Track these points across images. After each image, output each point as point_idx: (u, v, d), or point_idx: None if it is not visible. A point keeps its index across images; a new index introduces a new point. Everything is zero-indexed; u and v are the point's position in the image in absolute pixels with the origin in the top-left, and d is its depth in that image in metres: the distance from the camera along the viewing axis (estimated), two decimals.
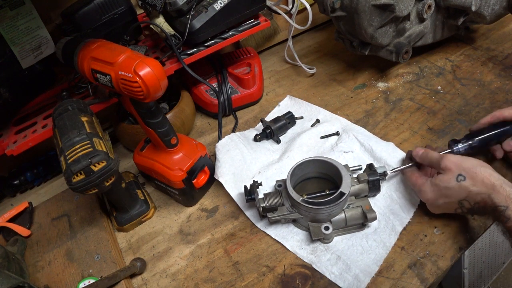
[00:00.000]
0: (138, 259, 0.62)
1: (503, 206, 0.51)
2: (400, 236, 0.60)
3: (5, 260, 0.58)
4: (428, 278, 0.56)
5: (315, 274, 0.58)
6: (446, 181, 0.56)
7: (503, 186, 0.52)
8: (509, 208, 0.50)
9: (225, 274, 0.61)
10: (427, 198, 0.59)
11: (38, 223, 0.71)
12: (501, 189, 0.52)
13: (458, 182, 0.54)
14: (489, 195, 0.52)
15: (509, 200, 0.51)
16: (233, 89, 0.87)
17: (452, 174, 0.55)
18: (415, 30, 0.82)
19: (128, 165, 0.82)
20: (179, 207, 0.72)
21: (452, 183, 0.55)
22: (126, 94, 0.55)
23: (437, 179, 0.57)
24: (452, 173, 0.55)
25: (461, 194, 0.55)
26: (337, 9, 0.79)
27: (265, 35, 1.03)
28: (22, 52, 0.68)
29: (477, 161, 0.56)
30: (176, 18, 0.74)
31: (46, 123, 0.70)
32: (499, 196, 0.51)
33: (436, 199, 0.58)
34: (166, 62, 0.75)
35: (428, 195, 0.58)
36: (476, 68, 0.88)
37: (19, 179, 0.78)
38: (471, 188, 0.54)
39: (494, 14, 0.79)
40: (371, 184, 0.63)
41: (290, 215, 0.61)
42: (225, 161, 0.71)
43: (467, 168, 0.55)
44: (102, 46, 0.57)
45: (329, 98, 0.88)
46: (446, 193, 0.56)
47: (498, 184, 0.52)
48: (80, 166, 0.51)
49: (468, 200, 0.54)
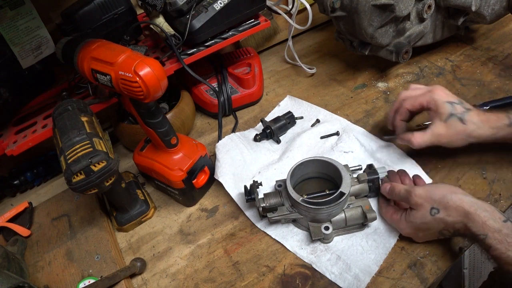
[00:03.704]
0: (138, 259, 0.62)
1: (482, 235, 0.49)
2: (400, 236, 0.60)
3: (5, 260, 0.58)
4: (428, 278, 0.56)
5: (315, 274, 0.58)
6: (420, 217, 0.54)
7: (477, 212, 0.49)
8: (488, 236, 0.48)
9: (225, 274, 0.61)
10: (407, 233, 0.58)
11: (38, 223, 0.71)
12: (476, 216, 0.49)
13: (432, 216, 0.53)
14: (465, 224, 0.50)
15: (486, 227, 0.48)
16: (233, 89, 0.87)
17: (425, 209, 0.54)
18: (415, 30, 0.82)
19: (128, 165, 0.82)
20: (179, 207, 0.72)
21: (427, 217, 0.53)
22: (126, 94, 0.55)
23: (411, 216, 0.55)
24: (424, 208, 0.54)
25: (439, 225, 0.53)
26: (337, 9, 0.79)
27: (265, 35, 1.03)
28: (22, 52, 0.68)
29: (447, 188, 0.54)
30: (176, 18, 0.74)
31: (46, 123, 0.70)
32: (475, 224, 0.49)
33: (415, 233, 0.57)
34: (166, 62, 0.75)
35: (407, 230, 0.57)
36: (476, 68, 0.88)
37: (19, 179, 0.78)
38: (447, 219, 0.52)
39: (494, 14, 0.79)
40: (371, 183, 0.63)
41: (290, 215, 0.61)
42: (225, 161, 0.71)
43: (438, 200, 0.53)
44: (102, 46, 0.57)
45: (329, 98, 0.88)
46: (424, 227, 0.55)
47: (472, 210, 0.50)
48: (80, 166, 0.51)
49: (448, 229, 0.53)
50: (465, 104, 0.62)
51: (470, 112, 0.61)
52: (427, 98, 0.63)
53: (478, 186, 0.65)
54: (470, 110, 0.61)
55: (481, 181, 0.66)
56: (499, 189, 0.64)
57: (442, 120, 0.61)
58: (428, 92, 0.64)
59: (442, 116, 0.61)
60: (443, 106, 0.61)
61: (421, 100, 0.64)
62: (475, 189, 0.65)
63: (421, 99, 0.64)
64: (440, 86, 0.65)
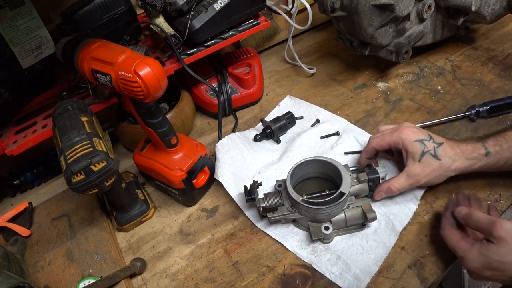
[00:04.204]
0: (138, 259, 0.62)
1: None
2: (400, 236, 0.60)
3: (5, 260, 0.58)
4: (428, 278, 0.56)
5: (315, 274, 0.58)
6: (501, 254, 0.46)
7: None
8: None
9: (225, 274, 0.61)
10: (472, 267, 0.49)
11: (38, 223, 0.71)
12: None
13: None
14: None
15: None
16: (233, 89, 0.87)
17: (509, 247, 0.46)
18: (415, 30, 0.82)
19: (128, 165, 0.82)
20: (179, 207, 0.72)
21: (509, 257, 0.46)
22: (126, 94, 0.55)
23: (489, 250, 0.48)
24: (509, 245, 0.46)
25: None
26: (337, 9, 0.79)
27: (265, 35, 1.03)
28: (22, 52, 0.68)
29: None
30: (176, 18, 0.74)
31: (46, 123, 0.70)
32: None
33: (483, 270, 0.49)
34: (166, 62, 0.75)
35: (474, 265, 0.49)
36: (476, 68, 0.88)
37: (19, 179, 0.78)
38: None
39: (494, 14, 0.79)
40: (371, 183, 0.63)
41: (290, 215, 0.61)
42: (225, 161, 0.71)
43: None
44: (102, 46, 0.57)
45: (329, 98, 0.88)
46: (498, 266, 0.47)
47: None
48: (80, 166, 0.51)
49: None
50: (435, 138, 0.61)
51: (442, 146, 0.59)
52: (394, 138, 0.62)
53: (478, 186, 0.65)
54: (442, 143, 0.60)
55: (481, 181, 0.66)
56: (499, 189, 0.64)
57: (416, 160, 0.60)
58: (395, 132, 0.62)
59: (415, 155, 0.60)
60: (412, 146, 0.60)
61: (388, 139, 0.62)
62: (475, 189, 0.65)
63: (388, 138, 0.62)
64: (407, 123, 0.64)
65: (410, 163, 0.60)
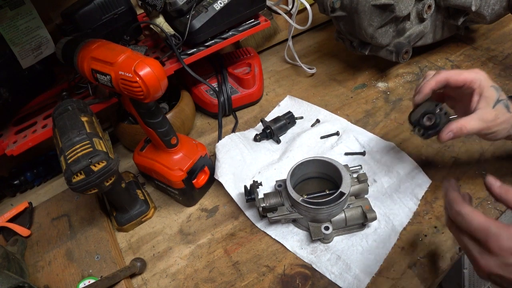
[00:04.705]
0: (138, 259, 0.62)
1: None
2: (400, 236, 0.60)
3: (5, 260, 0.58)
4: (428, 278, 0.56)
5: (315, 274, 0.58)
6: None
7: None
8: None
9: (225, 274, 0.61)
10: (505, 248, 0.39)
11: (38, 223, 0.71)
12: None
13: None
14: None
15: None
16: (233, 89, 0.87)
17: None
18: (415, 30, 0.82)
19: (128, 165, 0.82)
20: (179, 207, 0.72)
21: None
22: (126, 94, 0.55)
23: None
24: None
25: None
26: (337, 9, 0.79)
27: (265, 35, 1.03)
28: (22, 52, 0.68)
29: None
30: (176, 18, 0.74)
31: (46, 123, 0.70)
32: None
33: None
34: (166, 62, 0.75)
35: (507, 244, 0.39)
36: (476, 68, 0.88)
37: (19, 179, 0.79)
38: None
39: (494, 14, 0.79)
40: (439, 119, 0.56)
41: (290, 215, 0.61)
42: (225, 161, 0.71)
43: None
44: (102, 46, 0.57)
45: (329, 98, 0.88)
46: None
47: None
48: (80, 166, 0.51)
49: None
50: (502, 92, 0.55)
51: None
52: (472, 75, 0.54)
53: (478, 186, 0.65)
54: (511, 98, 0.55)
55: (481, 181, 0.66)
56: None
57: (490, 106, 0.53)
58: (472, 71, 0.55)
59: (490, 100, 0.53)
60: (489, 90, 0.54)
61: (466, 75, 0.55)
62: (475, 189, 0.65)
63: (467, 74, 0.55)
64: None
65: (483, 107, 0.54)
